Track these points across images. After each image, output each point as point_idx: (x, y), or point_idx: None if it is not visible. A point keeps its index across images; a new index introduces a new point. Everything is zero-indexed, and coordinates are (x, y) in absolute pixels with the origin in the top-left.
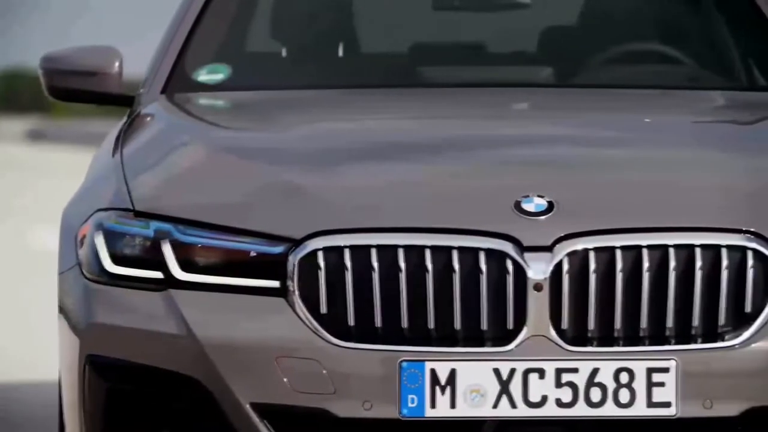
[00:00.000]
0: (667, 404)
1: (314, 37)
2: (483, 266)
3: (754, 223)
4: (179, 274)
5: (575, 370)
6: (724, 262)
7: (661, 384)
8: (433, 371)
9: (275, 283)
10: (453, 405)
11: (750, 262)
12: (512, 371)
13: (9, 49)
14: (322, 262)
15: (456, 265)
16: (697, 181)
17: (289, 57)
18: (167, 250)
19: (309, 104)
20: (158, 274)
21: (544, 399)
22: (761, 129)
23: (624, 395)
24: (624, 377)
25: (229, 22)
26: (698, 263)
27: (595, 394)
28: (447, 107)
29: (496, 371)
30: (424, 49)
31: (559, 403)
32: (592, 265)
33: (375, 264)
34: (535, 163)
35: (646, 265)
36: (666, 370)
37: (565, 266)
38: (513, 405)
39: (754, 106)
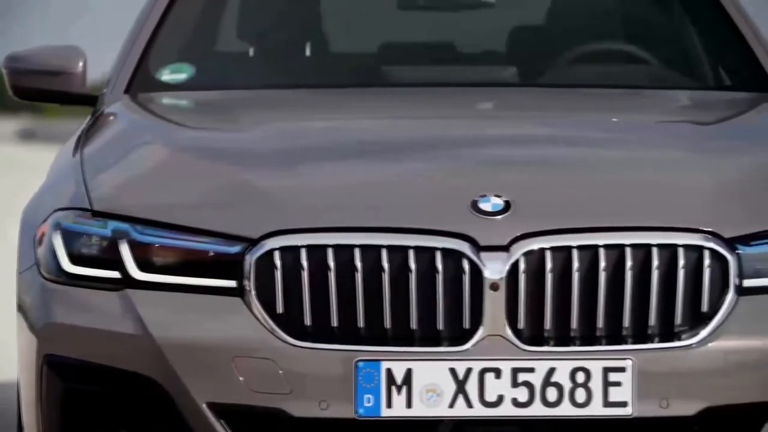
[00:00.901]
0: (624, 404)
1: (281, 37)
2: (439, 266)
3: (712, 222)
4: (136, 273)
5: (531, 370)
6: (681, 262)
7: (618, 384)
8: (389, 371)
9: (232, 283)
10: (409, 405)
11: (707, 261)
12: (468, 371)
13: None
14: (278, 262)
15: (412, 265)
16: (655, 180)
17: (256, 56)
18: (125, 249)
19: (272, 104)
20: (116, 274)
21: (501, 399)
22: (722, 129)
23: (580, 395)
24: (580, 377)
25: (194, 22)
26: (655, 263)
27: (552, 394)
28: (411, 107)
29: (453, 371)
30: (392, 48)
31: (516, 403)
32: (549, 265)
33: (331, 264)
34: (493, 163)
35: (602, 264)
36: (622, 369)
37: (522, 266)
38: (469, 405)
39: (718, 105)
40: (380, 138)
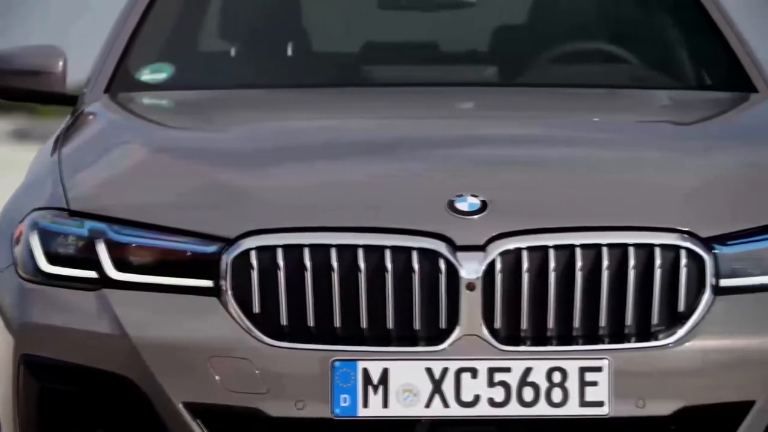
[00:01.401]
0: (600, 404)
1: (262, 37)
2: (416, 266)
3: (689, 222)
4: (113, 273)
5: (508, 370)
6: (657, 262)
7: (594, 383)
8: (365, 371)
9: (209, 283)
10: (385, 404)
11: (683, 261)
12: (445, 371)
13: None
14: (254, 262)
15: (389, 265)
16: (632, 180)
17: (237, 56)
18: (101, 249)
19: (252, 104)
20: (92, 274)
21: (477, 398)
22: (701, 129)
23: (557, 395)
24: (557, 377)
25: (175, 22)
26: (631, 262)
27: (528, 394)
28: (391, 107)
29: (429, 371)
30: (374, 48)
31: (492, 403)
32: (525, 265)
33: (308, 263)
34: (470, 163)
35: (579, 264)
36: (599, 369)
37: (498, 265)
38: (445, 404)
39: (697, 105)
40: (358, 138)
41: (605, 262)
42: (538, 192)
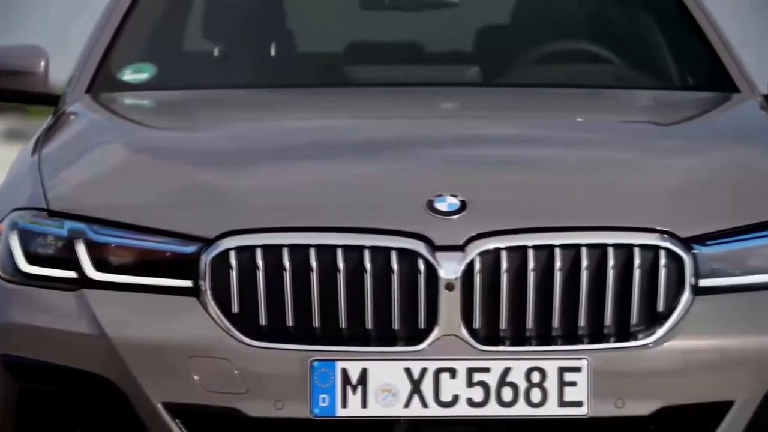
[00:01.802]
0: (579, 404)
1: (245, 36)
2: (395, 266)
3: (668, 222)
4: (93, 273)
5: (487, 370)
6: (637, 262)
7: (573, 383)
8: (344, 371)
9: (188, 283)
10: (364, 404)
11: (662, 261)
12: (423, 371)
13: None
14: (234, 262)
15: (368, 265)
16: (612, 180)
17: (220, 56)
18: (81, 249)
19: (234, 104)
20: (72, 274)
21: (456, 398)
22: (682, 129)
23: (536, 395)
24: (536, 377)
25: (158, 22)
26: (610, 262)
27: (507, 394)
28: (373, 107)
29: (408, 371)
30: (358, 48)
31: (471, 403)
32: (504, 265)
33: (287, 263)
34: (450, 163)
35: (558, 264)
36: (578, 369)
37: (477, 265)
38: (424, 404)
39: (679, 105)
40: (337, 138)
41: (584, 263)
42: (517, 192)
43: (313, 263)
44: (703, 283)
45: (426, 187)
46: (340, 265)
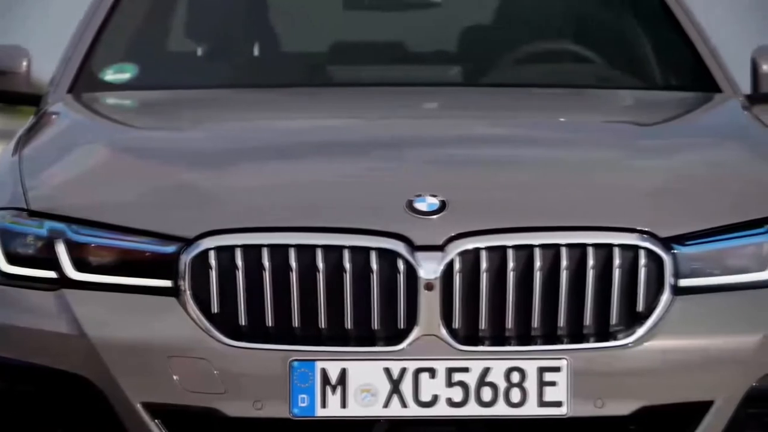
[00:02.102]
0: (559, 404)
1: (229, 36)
2: (374, 266)
3: (648, 222)
4: (73, 273)
5: (466, 370)
6: (616, 261)
7: (553, 383)
8: (323, 371)
9: (167, 283)
10: (344, 404)
11: (642, 261)
12: (403, 371)
13: None
14: (213, 262)
15: (347, 265)
16: (592, 180)
17: (204, 56)
18: (61, 249)
19: (215, 104)
20: (52, 274)
21: (435, 398)
22: (663, 129)
23: (515, 395)
24: (515, 377)
25: (141, 22)
26: (590, 262)
27: (486, 394)
28: (355, 107)
29: (387, 371)
30: (342, 48)
31: (450, 403)
32: (484, 265)
33: (266, 263)
34: (430, 163)
35: (538, 264)
36: (557, 369)
37: (457, 265)
38: (404, 404)
39: (661, 105)
40: (318, 138)
41: (564, 262)
42: (497, 192)
43: (293, 263)
44: (683, 283)
45: (406, 187)
46: (320, 265)
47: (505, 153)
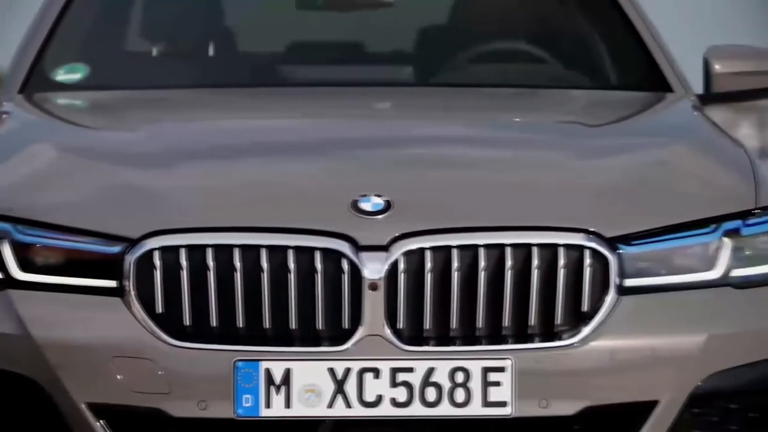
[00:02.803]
0: (503, 404)
1: (184, 36)
2: (319, 266)
3: (593, 222)
4: (18, 274)
5: (411, 370)
6: (561, 262)
7: (497, 383)
8: (268, 371)
9: (112, 283)
10: (288, 405)
11: (587, 261)
12: (347, 371)
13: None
14: (158, 262)
15: (291, 265)
16: (537, 180)
17: (158, 56)
18: (6, 249)
19: (165, 104)
20: None
21: (380, 399)
22: (611, 129)
23: (460, 395)
24: (460, 377)
25: (94, 21)
26: (535, 262)
27: (431, 394)
28: (306, 107)
29: (332, 371)
30: (297, 48)
31: (395, 403)
32: (428, 265)
33: (211, 263)
34: (375, 163)
35: (482, 264)
36: (502, 369)
37: (401, 265)
38: (348, 405)
39: (612, 105)
40: (264, 138)
41: (509, 262)
42: (442, 192)
43: (237, 263)
44: (628, 282)
45: (351, 187)
46: (264, 265)
47: (452, 153)
